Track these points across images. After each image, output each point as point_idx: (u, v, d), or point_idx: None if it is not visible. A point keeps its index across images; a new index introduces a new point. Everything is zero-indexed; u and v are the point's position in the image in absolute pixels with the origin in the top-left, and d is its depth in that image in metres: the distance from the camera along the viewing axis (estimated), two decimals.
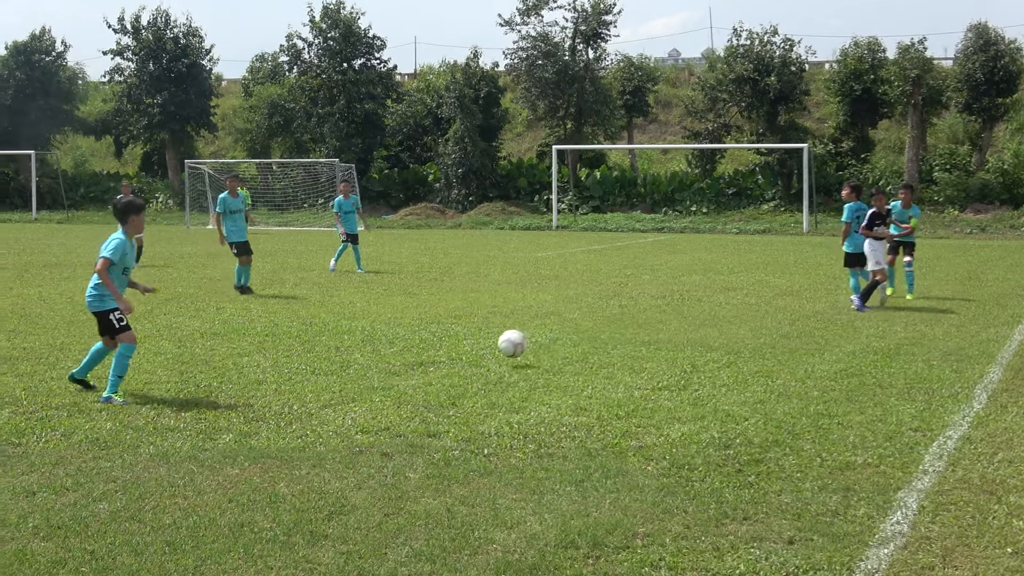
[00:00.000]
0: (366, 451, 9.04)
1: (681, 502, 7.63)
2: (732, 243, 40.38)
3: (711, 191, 56.06)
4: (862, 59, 54.33)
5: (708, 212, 53.93)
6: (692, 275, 25.96)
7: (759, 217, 51.84)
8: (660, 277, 25.43)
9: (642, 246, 38.51)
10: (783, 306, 19.31)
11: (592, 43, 59.25)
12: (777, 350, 14.33)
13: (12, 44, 69.25)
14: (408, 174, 62.83)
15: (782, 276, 25.74)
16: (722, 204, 54.96)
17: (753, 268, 28.01)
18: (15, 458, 8.78)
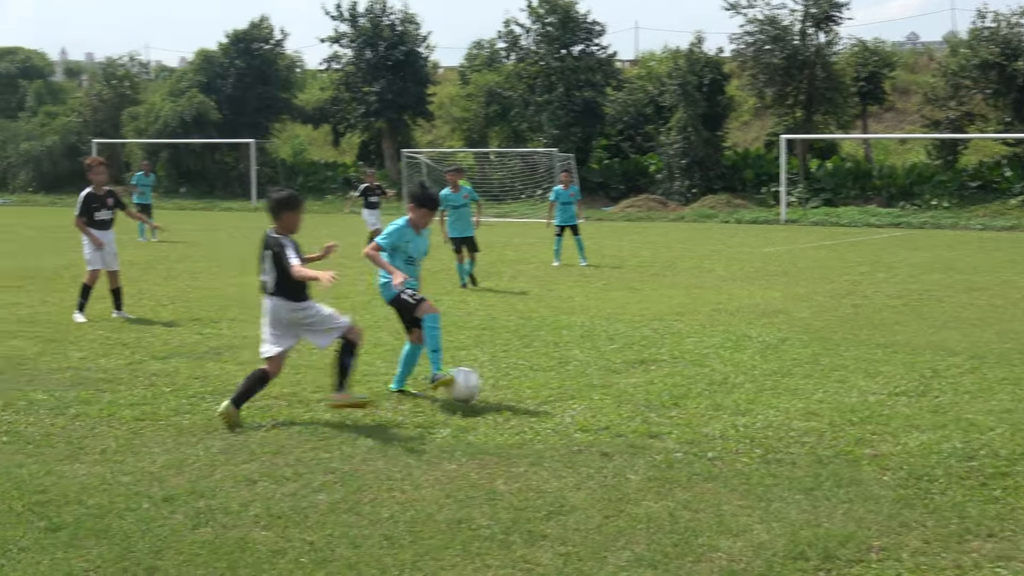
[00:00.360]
0: (585, 450, 9.09)
1: (919, 515, 7.45)
2: (976, 240, 39.08)
3: (953, 184, 54.28)
4: None
5: (949, 207, 52.23)
6: (932, 274, 25.24)
7: (1006, 213, 49.97)
8: (897, 275, 24.81)
9: (877, 242, 37.63)
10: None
11: (824, 26, 58.04)
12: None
13: (232, 33, 71.71)
14: (628, 164, 62.69)
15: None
16: (965, 198, 53.14)
17: (999, 267, 27.06)
18: (237, 446, 9.14)
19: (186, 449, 9.01)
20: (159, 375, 12.15)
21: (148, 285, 21.21)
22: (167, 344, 14.29)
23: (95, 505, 7.47)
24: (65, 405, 10.55)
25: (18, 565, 6.38)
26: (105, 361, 12.99)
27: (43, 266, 25.07)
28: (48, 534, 6.91)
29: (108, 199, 16.77)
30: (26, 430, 9.58)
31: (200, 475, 8.26)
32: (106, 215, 16.73)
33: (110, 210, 16.81)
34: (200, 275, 23.32)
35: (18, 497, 7.61)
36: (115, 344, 14.20)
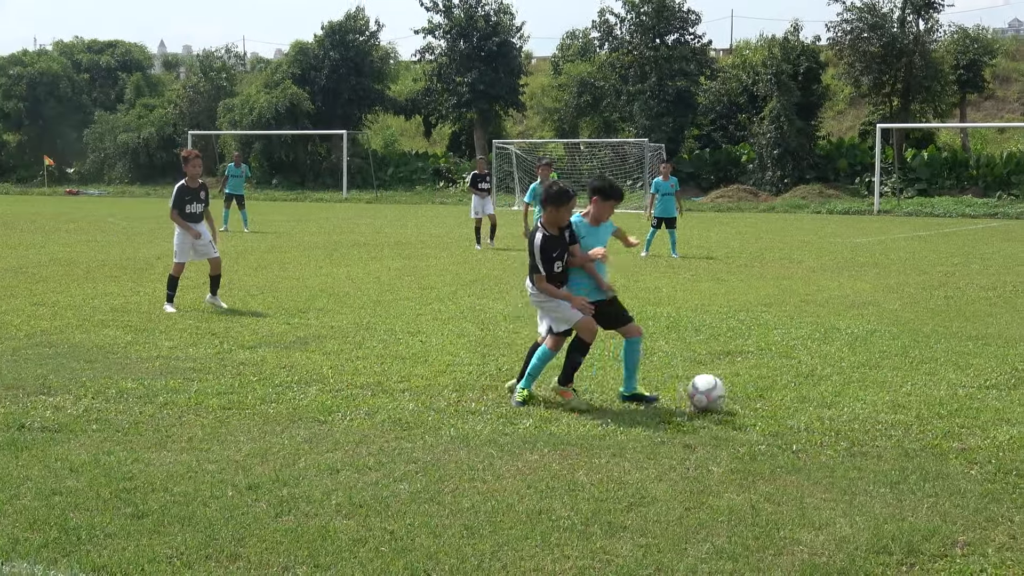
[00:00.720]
0: (668, 442, 9.06)
1: (1007, 510, 7.33)
2: None
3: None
4: None
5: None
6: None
7: None
8: (991, 267, 24.41)
9: (972, 233, 37.03)
10: None
11: (923, 14, 57.31)
12: None
13: (327, 24, 72.32)
14: (720, 154, 62.35)
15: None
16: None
17: None
18: (321, 435, 9.22)
19: (271, 438, 9.11)
20: (246, 364, 12.29)
21: (238, 275, 21.47)
22: (255, 334, 14.45)
23: (180, 492, 7.58)
24: (154, 393, 10.70)
25: (103, 551, 6.49)
26: (194, 350, 13.17)
27: (136, 256, 25.48)
28: (134, 520, 7.02)
29: (201, 192, 16.95)
30: (115, 418, 9.73)
31: (284, 463, 8.34)
32: (197, 208, 16.89)
33: (202, 203, 16.97)
34: (289, 266, 23.56)
35: (106, 484, 7.74)
36: (204, 334, 14.39)
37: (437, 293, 18.82)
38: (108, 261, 24.21)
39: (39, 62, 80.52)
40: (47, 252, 26.46)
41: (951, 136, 62.88)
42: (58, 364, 12.12)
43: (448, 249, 28.53)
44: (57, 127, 78.58)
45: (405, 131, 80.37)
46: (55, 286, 19.35)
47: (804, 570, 6.28)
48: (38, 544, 6.58)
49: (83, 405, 10.18)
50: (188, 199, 16.77)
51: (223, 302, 16.86)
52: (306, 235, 33.49)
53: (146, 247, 28.30)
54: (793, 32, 60.72)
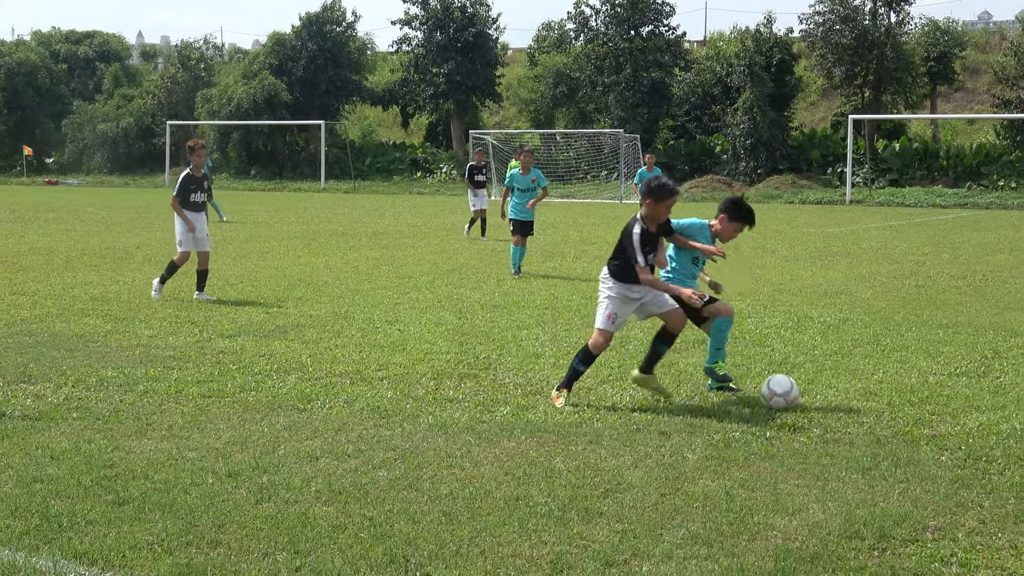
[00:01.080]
0: (644, 429, 9.09)
1: (977, 496, 7.38)
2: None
3: (1021, 164, 53.55)
4: None
5: (1017, 187, 51.57)
6: (997, 254, 24.95)
7: None
8: (961, 256, 24.54)
9: (943, 223, 37.19)
10: None
11: (894, 6, 57.52)
12: None
13: (305, 15, 72.15)
14: (694, 145, 62.46)
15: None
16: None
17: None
18: (300, 423, 9.22)
19: (251, 425, 9.10)
20: (226, 353, 12.28)
21: (217, 265, 21.39)
22: (234, 322, 14.43)
23: (161, 480, 7.57)
24: (134, 382, 10.68)
25: (85, 537, 6.48)
26: (174, 339, 13.14)
27: (115, 246, 25.39)
28: (115, 507, 7.01)
29: (204, 182, 16.99)
30: (96, 406, 9.71)
31: (264, 451, 8.34)
32: (200, 198, 16.93)
33: (204, 192, 17.03)
34: (268, 255, 23.53)
35: (86, 471, 7.72)
36: (184, 322, 14.37)
37: (415, 282, 18.81)
38: (88, 250, 24.12)
39: (17, 52, 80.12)
40: (26, 241, 26.35)
41: (922, 127, 63.13)
42: (38, 353, 12.08)
43: (425, 239, 28.51)
44: (36, 117, 78.27)
45: (382, 122, 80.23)
46: (35, 275, 19.27)
47: (777, 555, 6.31)
48: (20, 531, 6.57)
49: (63, 393, 10.16)
50: (193, 188, 16.74)
51: (212, 296, 16.70)
52: (284, 225, 33.43)
53: (125, 237, 28.21)
54: (766, 24, 60.92)
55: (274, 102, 67.86)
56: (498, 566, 6.13)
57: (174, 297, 16.65)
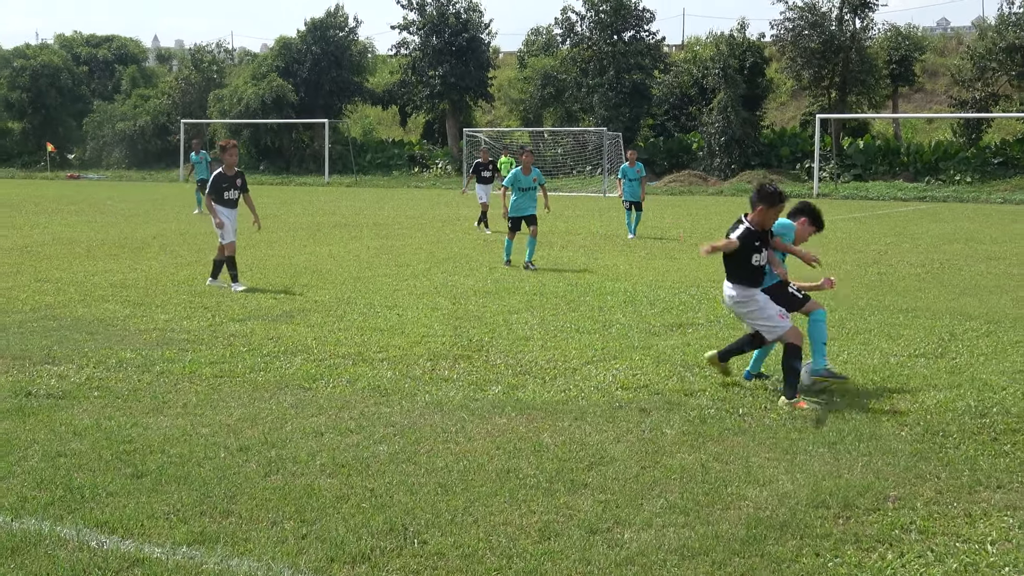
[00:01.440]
0: (625, 406, 9.10)
1: (934, 468, 7.41)
2: (996, 213, 38.59)
3: (976, 160, 53.59)
4: None
5: (972, 182, 51.60)
6: (954, 244, 24.98)
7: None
8: (920, 246, 24.56)
9: (903, 215, 37.21)
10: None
11: (859, 13, 57.44)
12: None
13: (310, 21, 71.95)
14: (673, 143, 62.39)
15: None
16: (987, 174, 52.47)
17: (1018, 238, 26.72)
18: (306, 401, 9.22)
19: (260, 403, 9.10)
20: (237, 336, 12.26)
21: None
22: (244, 308, 14.41)
23: (176, 454, 7.57)
24: (151, 363, 10.67)
25: (106, 508, 6.48)
26: (188, 323, 13.12)
27: (133, 236, 25.33)
28: (133, 480, 7.01)
29: (237, 180, 16.75)
30: (115, 386, 9.71)
31: (272, 427, 8.34)
32: (233, 195, 16.70)
33: (238, 189, 16.78)
34: (276, 245, 23.48)
35: (107, 446, 7.72)
36: (197, 307, 14.34)
37: (412, 270, 18.79)
38: (107, 240, 24.06)
39: (41, 55, 79.74)
40: (50, 232, 26.28)
41: (884, 126, 63.09)
42: (62, 336, 12.06)
43: (422, 230, 28.47)
44: (58, 116, 77.94)
45: (382, 120, 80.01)
46: (58, 263, 19.22)
47: (749, 523, 6.32)
48: (45, 502, 6.57)
49: (85, 374, 10.14)
50: (225, 186, 16.58)
51: (224, 283, 16.55)
52: (291, 217, 33.35)
53: (143, 227, 28.14)
54: (740, 29, 60.78)
55: (281, 102, 67.66)
56: (490, 533, 6.14)
57: (186, 284, 16.62)
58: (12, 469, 7.21)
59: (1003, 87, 54.73)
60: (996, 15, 55.94)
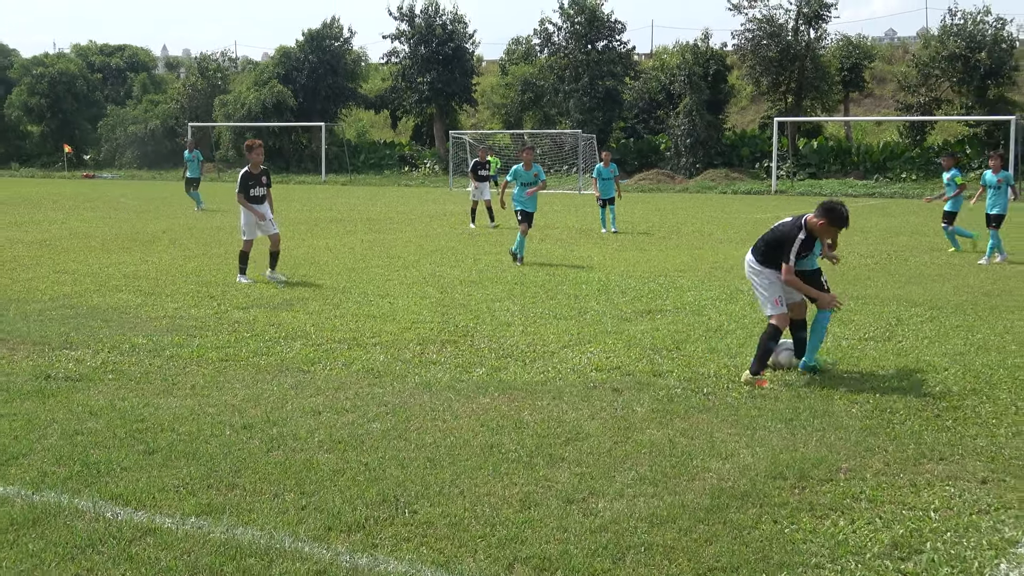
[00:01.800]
0: (599, 387, 9.11)
1: (882, 442, 7.44)
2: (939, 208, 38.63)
3: (921, 160, 53.73)
4: None
5: (917, 179, 51.73)
6: (900, 236, 25.07)
7: (967, 184, 49.48)
8: (870, 238, 24.63)
9: (854, 210, 37.15)
10: (985, 266, 18.46)
11: (814, 24, 57.48)
12: (978, 307, 13.73)
13: (307, 31, 71.71)
14: (642, 144, 62.36)
15: (985, 238, 24.51)
16: (931, 172, 52.55)
17: None
18: (305, 383, 9.20)
19: (262, 385, 9.08)
20: (241, 323, 12.23)
21: (233, 247, 21.29)
22: (248, 296, 14.37)
23: (185, 432, 7.55)
24: (161, 348, 10.64)
25: (120, 482, 6.47)
26: (195, 311, 13.08)
27: (145, 231, 25.21)
28: (145, 456, 6.99)
29: (262, 177, 16.18)
30: (128, 369, 9.67)
31: (274, 407, 8.32)
32: (260, 191, 16.15)
33: (264, 186, 16.20)
34: None
35: (121, 425, 7.70)
36: (204, 297, 14.29)
37: (403, 261, 18.76)
38: (121, 235, 23.95)
39: (58, 63, 79.25)
40: (67, 227, 26.14)
41: (836, 128, 63.18)
42: (78, 323, 12.01)
43: (412, 224, 28.40)
44: (75, 119, 77.48)
45: (374, 123, 79.78)
46: (75, 256, 19.13)
47: (713, 493, 6.34)
48: (64, 476, 6.55)
49: (100, 358, 10.11)
50: (251, 184, 16.11)
51: (282, 275, 16.16)
52: (291, 212, 33.24)
53: (153, 223, 28.01)
54: (704, 39, 60.80)
55: (281, 106, 67.41)
56: (475, 504, 6.14)
57: (194, 275, 16.56)
58: (33, 446, 7.19)
59: (945, 92, 54.87)
60: (939, 26, 56.09)
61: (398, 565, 5.27)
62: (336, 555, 5.40)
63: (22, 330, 11.52)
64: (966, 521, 5.94)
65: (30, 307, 13.18)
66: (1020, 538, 5.71)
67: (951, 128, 57.22)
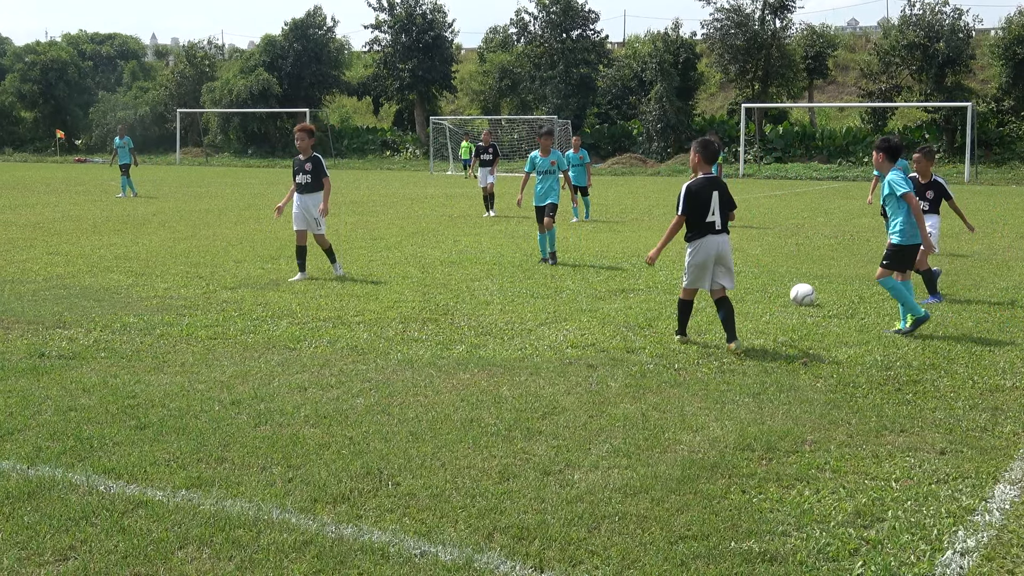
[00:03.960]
0: (575, 363, 9.10)
1: (845, 415, 7.46)
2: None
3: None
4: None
5: None
6: (862, 218, 25.14)
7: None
8: (833, 220, 24.71)
9: (818, 192, 37.41)
10: (943, 247, 18.52)
11: (779, 14, 57.61)
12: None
13: (291, 21, 71.36)
14: (615, 129, 62.38)
15: (943, 220, 24.53)
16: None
17: None
18: (291, 360, 9.16)
19: (250, 362, 9.04)
20: (229, 302, 12.16)
21: (221, 228, 21.19)
22: (235, 277, 14.29)
23: (175, 408, 7.50)
24: (152, 327, 10.57)
25: (113, 456, 6.42)
26: (185, 291, 13.00)
27: (135, 214, 25.05)
28: (137, 431, 6.95)
29: (307, 164, 14.29)
30: (120, 347, 9.61)
31: (261, 383, 8.28)
32: (302, 179, 14.30)
33: (307, 174, 14.27)
34: (263, 221, 23.29)
35: (113, 401, 7.64)
36: (193, 277, 14.21)
37: (385, 243, 18.70)
38: (112, 217, 23.78)
39: (50, 51, 78.61)
40: (60, 210, 25.95)
41: (801, 114, 63.34)
42: (71, 303, 11.92)
43: (394, 207, 28.32)
44: (66, 106, 76.94)
45: (357, 109, 79.51)
46: (67, 238, 18.99)
47: (684, 464, 6.35)
48: (58, 451, 6.50)
49: (93, 337, 10.03)
50: (295, 169, 14.48)
51: (340, 267, 14.62)
52: (277, 196, 33.06)
53: (143, 206, 27.83)
54: (674, 29, 60.79)
55: (267, 93, 67.12)
56: (456, 476, 6.13)
57: (184, 256, 16.47)
58: (28, 422, 7.13)
59: (905, 79, 55.02)
60: (899, 16, 56.21)
61: (381, 535, 5.26)
62: (322, 526, 5.38)
63: (16, 310, 11.43)
64: (925, 490, 5.97)
65: (24, 287, 13.08)
66: (977, 506, 5.74)
67: (911, 113, 57.43)
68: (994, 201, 32.17)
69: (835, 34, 66.38)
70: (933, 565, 4.99)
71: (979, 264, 16.11)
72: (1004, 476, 6.23)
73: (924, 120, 54.63)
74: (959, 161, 49.07)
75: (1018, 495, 5.92)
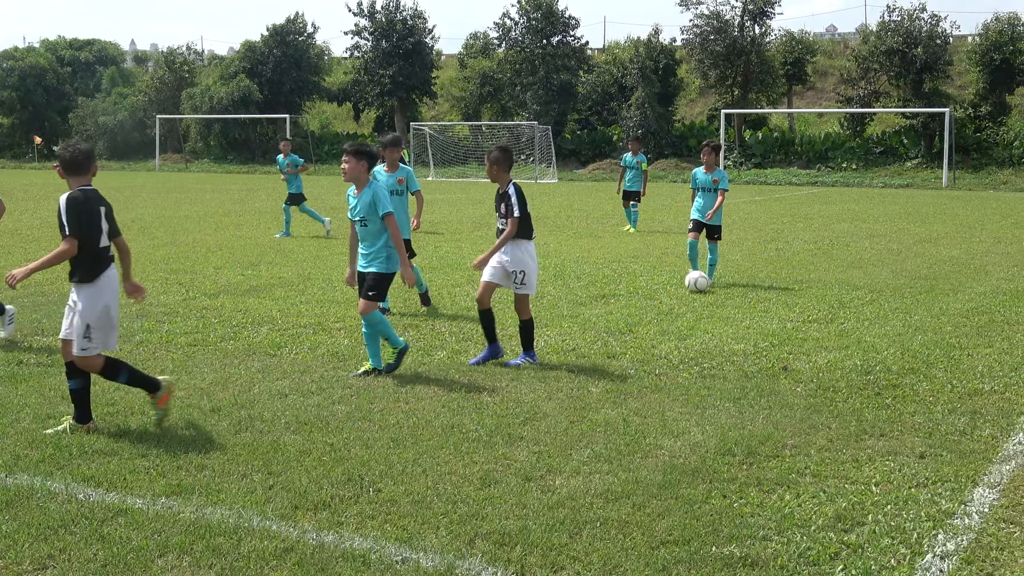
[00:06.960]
0: (556, 368, 9.10)
1: (826, 419, 7.49)
2: (878, 196, 39.03)
3: (860, 150, 54.13)
4: (1003, 32, 51.71)
5: (857, 169, 52.13)
6: (841, 223, 25.24)
7: (903, 173, 49.91)
8: (812, 225, 24.80)
9: (797, 198, 37.53)
10: (921, 251, 18.64)
11: (759, 20, 57.76)
12: (915, 290, 13.86)
13: (272, 27, 71.21)
14: (596, 135, 62.41)
15: (921, 225, 24.79)
16: (870, 161, 53.05)
17: (896, 218, 27.06)
18: (272, 367, 9.13)
19: (230, 369, 9.01)
20: (208, 309, 12.12)
21: (201, 235, 21.12)
22: (215, 283, 14.25)
23: (155, 415, 7.46)
24: (131, 333, 10.52)
25: (92, 464, 6.39)
26: (164, 297, 12.95)
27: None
28: (117, 439, 6.91)
29: None
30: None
31: (241, 390, 8.26)
32: None
33: None
34: (243, 227, 23.24)
35: (93, 408, 7.58)
36: (172, 284, 14.16)
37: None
38: None
39: (28, 57, 78.16)
40: (38, 217, 25.81)
41: (780, 119, 63.51)
42: (50, 310, 11.87)
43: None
44: (45, 112, 76.49)
45: (338, 115, 79.31)
46: (46, 245, 18.90)
47: (665, 469, 6.36)
48: (36, 459, 6.47)
49: None
50: None
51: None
52: (257, 202, 33.01)
53: (122, 212, 27.68)
54: (654, 35, 60.87)
55: (247, 99, 66.88)
56: (437, 482, 6.13)
57: (163, 263, 16.40)
58: (6, 430, 7.09)
59: (883, 85, 55.26)
60: (877, 23, 56.50)
61: (363, 542, 5.25)
62: (303, 533, 5.36)
63: None
64: (905, 494, 6.00)
65: (2, 295, 12.99)
66: (956, 510, 5.77)
67: (889, 119, 57.68)
68: (971, 206, 32.37)
69: (814, 40, 66.59)
70: (913, 569, 5.02)
71: (957, 268, 16.20)
72: (983, 479, 6.26)
73: (902, 125, 54.86)
74: (937, 167, 49.32)
75: (997, 498, 5.96)
